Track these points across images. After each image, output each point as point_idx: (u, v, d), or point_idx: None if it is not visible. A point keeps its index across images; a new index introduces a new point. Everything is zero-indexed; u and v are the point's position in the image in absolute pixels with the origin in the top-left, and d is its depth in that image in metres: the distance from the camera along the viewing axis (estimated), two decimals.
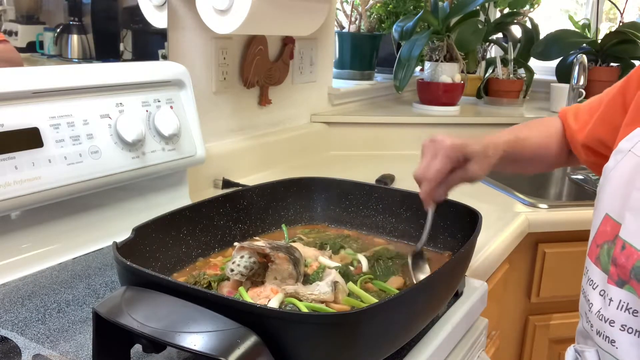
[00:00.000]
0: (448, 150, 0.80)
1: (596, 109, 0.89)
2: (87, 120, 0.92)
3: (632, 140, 0.75)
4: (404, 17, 2.05)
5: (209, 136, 1.32)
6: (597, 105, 0.90)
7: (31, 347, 0.66)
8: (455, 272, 0.77)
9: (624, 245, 0.71)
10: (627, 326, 0.71)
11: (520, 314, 1.48)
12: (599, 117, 0.88)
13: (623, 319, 0.71)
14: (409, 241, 0.97)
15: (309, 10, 1.34)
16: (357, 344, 0.58)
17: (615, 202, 0.75)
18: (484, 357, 0.93)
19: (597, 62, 2.26)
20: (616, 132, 0.81)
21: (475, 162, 0.83)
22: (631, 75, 0.84)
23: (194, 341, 0.52)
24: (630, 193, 0.71)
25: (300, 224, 1.03)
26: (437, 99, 2.01)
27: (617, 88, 0.86)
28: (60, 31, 1.02)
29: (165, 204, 1.01)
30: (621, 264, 0.71)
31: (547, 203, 1.38)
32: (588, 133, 0.89)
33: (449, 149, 0.80)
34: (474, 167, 0.82)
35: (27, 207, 0.85)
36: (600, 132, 0.87)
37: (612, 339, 0.73)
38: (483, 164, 0.83)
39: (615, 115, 0.84)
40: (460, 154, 0.81)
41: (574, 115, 0.95)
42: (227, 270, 0.75)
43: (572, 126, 0.93)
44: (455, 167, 0.82)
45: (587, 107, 0.94)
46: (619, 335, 0.72)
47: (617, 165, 0.76)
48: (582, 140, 0.91)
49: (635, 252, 0.70)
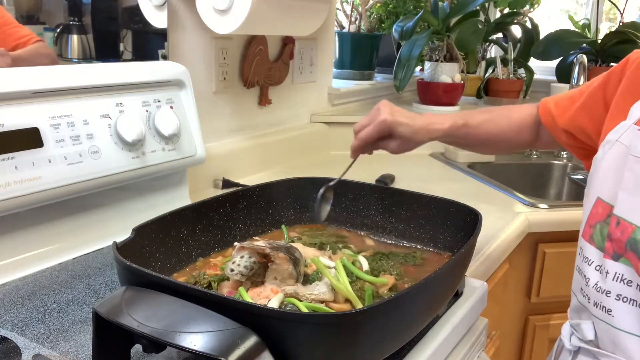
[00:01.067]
0: (380, 124, 0.94)
1: (577, 98, 0.95)
2: (87, 120, 0.92)
3: (618, 132, 0.82)
4: (404, 17, 2.05)
5: (209, 136, 1.32)
6: (578, 95, 0.96)
7: (31, 347, 0.66)
8: (455, 272, 0.77)
9: (618, 221, 0.78)
10: (622, 295, 0.78)
11: (520, 314, 1.48)
12: (581, 106, 0.94)
13: (618, 289, 0.78)
14: (409, 241, 0.97)
15: (309, 10, 1.34)
16: (357, 344, 0.58)
17: (605, 186, 0.82)
18: (484, 357, 0.93)
19: (597, 62, 2.26)
20: (597, 123, 0.89)
21: (397, 142, 0.96)
22: (612, 72, 0.90)
23: (194, 341, 0.52)
24: (622, 175, 0.78)
25: (300, 224, 1.03)
26: (437, 99, 2.01)
27: (598, 82, 0.92)
28: (60, 31, 1.02)
29: (165, 204, 1.01)
30: (617, 239, 0.78)
31: (547, 203, 1.38)
32: (569, 119, 0.96)
33: (382, 122, 0.94)
34: (392, 145, 0.96)
35: (27, 207, 0.85)
36: (582, 120, 0.93)
37: (609, 309, 0.79)
38: (402, 146, 0.97)
39: (596, 106, 0.91)
40: (388, 130, 0.95)
41: (555, 103, 1.01)
42: (227, 270, 0.75)
43: (553, 111, 0.99)
44: (383, 137, 0.96)
45: (567, 95, 1.00)
46: (614, 305, 0.79)
47: (605, 155, 0.82)
48: (563, 125, 0.97)
49: (630, 226, 0.76)
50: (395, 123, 0.94)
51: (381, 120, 0.94)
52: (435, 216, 0.94)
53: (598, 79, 0.93)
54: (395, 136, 0.96)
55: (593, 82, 0.94)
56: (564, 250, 1.39)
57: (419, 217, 0.96)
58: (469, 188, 1.48)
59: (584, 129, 0.93)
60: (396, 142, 0.96)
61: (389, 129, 0.95)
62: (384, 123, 0.94)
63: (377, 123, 0.94)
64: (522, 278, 1.43)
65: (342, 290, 0.72)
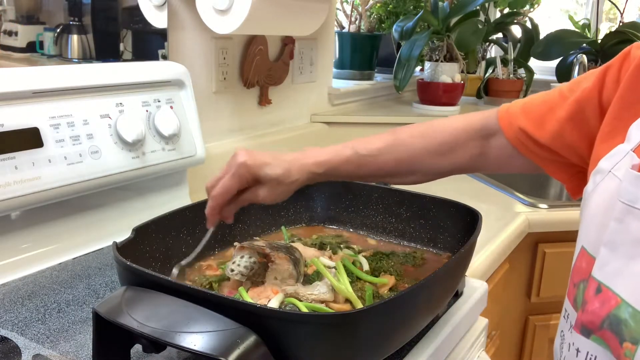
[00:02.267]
0: (239, 169, 0.74)
1: (557, 104, 0.73)
2: (87, 120, 0.92)
3: (613, 158, 0.63)
4: (404, 17, 2.05)
5: (209, 136, 1.32)
6: (559, 99, 0.73)
7: (31, 347, 0.66)
8: (455, 272, 0.77)
9: (599, 287, 0.61)
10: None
11: (520, 314, 1.48)
12: (568, 116, 0.71)
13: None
14: (409, 241, 0.97)
15: (309, 10, 1.34)
16: (357, 344, 0.58)
17: (590, 233, 0.64)
18: (484, 357, 0.93)
19: (597, 62, 2.25)
20: (592, 138, 0.69)
21: (266, 187, 0.76)
22: (608, 68, 0.70)
23: (194, 341, 0.52)
24: (607, 223, 0.60)
25: (301, 224, 1.03)
26: (437, 99, 2.01)
27: (590, 82, 0.70)
28: (60, 31, 1.02)
29: (165, 204, 1.01)
30: (592, 310, 0.61)
31: (547, 203, 1.38)
32: (553, 134, 0.72)
33: (241, 167, 0.74)
34: (262, 193, 0.76)
35: (27, 207, 0.85)
36: (571, 136, 0.71)
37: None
38: (274, 191, 0.76)
39: (590, 115, 0.70)
40: (250, 175, 0.75)
41: (523, 111, 0.76)
42: (228, 270, 0.75)
43: (521, 122, 0.75)
44: (247, 187, 0.77)
45: (539, 100, 0.76)
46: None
47: (595, 189, 0.64)
48: (546, 141, 0.73)
49: (614, 297, 0.59)
50: (258, 164, 0.75)
51: (239, 164, 0.74)
52: (435, 216, 0.94)
53: (588, 78, 0.71)
54: (262, 181, 0.76)
55: (580, 83, 0.72)
56: (564, 250, 1.39)
57: (419, 217, 0.96)
58: (469, 188, 1.48)
59: (574, 147, 0.72)
60: (264, 188, 0.76)
61: (251, 174, 0.75)
62: (243, 166, 0.74)
63: (237, 168, 0.74)
64: (522, 278, 1.43)
65: (342, 290, 0.72)
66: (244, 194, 0.77)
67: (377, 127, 1.85)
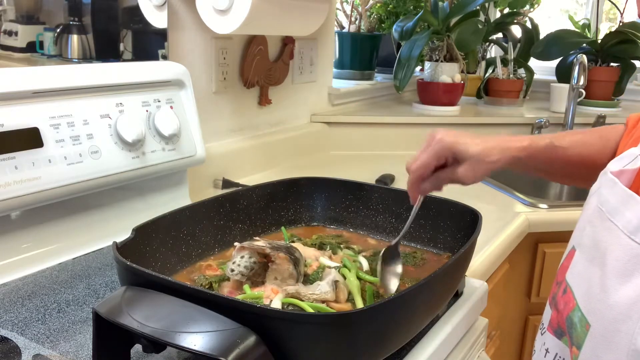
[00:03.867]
0: (437, 147, 0.74)
1: None
2: (87, 120, 0.92)
3: (622, 161, 0.62)
4: (404, 17, 2.05)
5: (209, 136, 1.32)
6: None
7: (31, 347, 0.66)
8: (455, 272, 0.77)
9: (565, 288, 0.62)
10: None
11: (520, 314, 1.48)
12: None
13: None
14: (409, 241, 0.97)
15: (309, 10, 1.34)
16: (357, 344, 0.58)
17: (577, 233, 0.66)
18: (484, 357, 0.93)
19: (597, 62, 2.26)
20: None
21: (465, 165, 0.74)
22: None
23: (194, 341, 0.52)
24: (584, 226, 0.61)
25: (301, 224, 1.03)
26: (437, 99, 2.01)
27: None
28: (60, 31, 1.02)
29: (165, 204, 1.01)
30: (560, 310, 0.62)
31: (547, 203, 1.38)
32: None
33: (438, 142, 0.74)
34: (461, 171, 0.74)
35: (27, 207, 0.85)
36: None
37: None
38: (475, 169, 0.74)
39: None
40: (449, 153, 0.74)
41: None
42: (228, 270, 0.75)
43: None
44: (444, 165, 0.76)
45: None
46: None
47: (598, 189, 0.64)
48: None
49: (572, 300, 0.59)
50: (457, 142, 0.74)
51: (437, 140, 0.74)
52: (435, 216, 0.94)
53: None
54: (460, 159, 0.74)
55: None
56: (564, 250, 1.39)
57: (419, 217, 0.96)
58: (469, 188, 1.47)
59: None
60: (463, 166, 0.74)
61: (449, 151, 0.74)
62: (441, 142, 0.74)
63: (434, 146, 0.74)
64: (522, 278, 1.43)
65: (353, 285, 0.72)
66: (443, 172, 0.76)
67: (377, 127, 1.85)
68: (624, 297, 0.53)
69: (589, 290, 0.58)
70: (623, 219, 0.56)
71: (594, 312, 0.56)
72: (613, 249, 0.56)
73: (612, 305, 0.54)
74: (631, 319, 0.53)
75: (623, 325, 0.53)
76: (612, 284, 0.55)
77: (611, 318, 0.54)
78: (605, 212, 0.59)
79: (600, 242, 0.58)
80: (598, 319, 0.56)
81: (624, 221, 0.56)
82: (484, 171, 0.75)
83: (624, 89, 2.30)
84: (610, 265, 0.55)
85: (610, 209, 0.58)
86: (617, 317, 0.54)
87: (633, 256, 0.54)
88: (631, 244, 0.54)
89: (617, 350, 0.54)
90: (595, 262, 0.58)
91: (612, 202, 0.58)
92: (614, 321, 0.54)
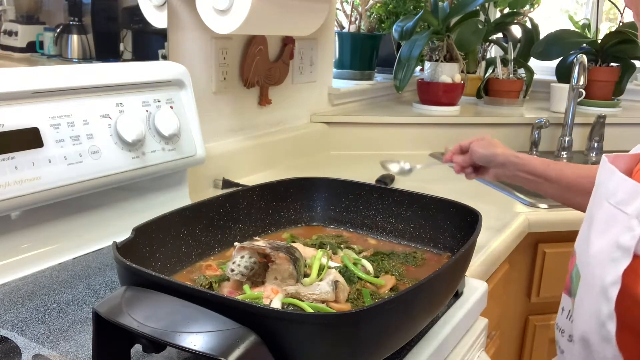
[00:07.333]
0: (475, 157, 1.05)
1: None
2: (87, 120, 0.92)
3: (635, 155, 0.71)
4: (404, 17, 2.05)
5: (209, 136, 1.32)
6: None
7: (31, 347, 0.66)
8: (455, 272, 0.77)
9: (573, 252, 0.73)
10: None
11: (520, 314, 1.48)
12: None
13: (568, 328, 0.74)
14: (409, 241, 0.97)
15: (309, 10, 1.34)
16: (357, 344, 0.58)
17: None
18: (484, 357, 0.93)
19: (597, 62, 2.25)
20: None
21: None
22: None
23: (194, 341, 0.52)
24: None
25: (301, 224, 1.03)
26: (437, 99, 2.01)
27: None
28: (60, 31, 1.02)
29: (165, 204, 1.01)
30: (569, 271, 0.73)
31: (547, 203, 1.38)
32: None
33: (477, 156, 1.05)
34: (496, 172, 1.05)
35: (27, 207, 0.85)
36: None
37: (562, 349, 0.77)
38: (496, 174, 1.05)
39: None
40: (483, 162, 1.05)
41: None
42: (228, 270, 0.75)
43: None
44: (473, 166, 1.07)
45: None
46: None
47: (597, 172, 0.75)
48: None
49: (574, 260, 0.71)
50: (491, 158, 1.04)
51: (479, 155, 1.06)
52: (435, 216, 0.94)
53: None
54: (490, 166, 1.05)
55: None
56: (564, 250, 1.39)
57: (419, 217, 0.96)
58: (469, 188, 1.48)
59: None
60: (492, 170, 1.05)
61: (484, 162, 1.05)
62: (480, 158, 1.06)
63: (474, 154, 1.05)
64: (522, 278, 1.43)
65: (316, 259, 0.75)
66: None
67: (377, 127, 1.85)
68: (598, 247, 0.65)
69: (583, 248, 0.70)
70: (606, 189, 0.68)
71: (583, 264, 0.69)
72: (598, 212, 0.68)
73: (592, 255, 0.66)
74: (601, 263, 0.64)
75: (597, 269, 0.64)
76: (593, 238, 0.67)
77: (591, 265, 0.66)
78: (596, 186, 0.71)
79: (592, 209, 0.71)
80: (584, 267, 0.68)
81: (605, 189, 0.68)
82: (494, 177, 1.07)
83: (624, 89, 2.30)
84: (594, 225, 0.68)
85: (598, 182, 0.71)
86: (594, 263, 0.65)
87: (609, 216, 0.65)
88: (609, 207, 0.66)
89: (593, 291, 0.64)
90: (587, 224, 0.70)
91: (600, 177, 0.71)
92: (592, 267, 0.66)
